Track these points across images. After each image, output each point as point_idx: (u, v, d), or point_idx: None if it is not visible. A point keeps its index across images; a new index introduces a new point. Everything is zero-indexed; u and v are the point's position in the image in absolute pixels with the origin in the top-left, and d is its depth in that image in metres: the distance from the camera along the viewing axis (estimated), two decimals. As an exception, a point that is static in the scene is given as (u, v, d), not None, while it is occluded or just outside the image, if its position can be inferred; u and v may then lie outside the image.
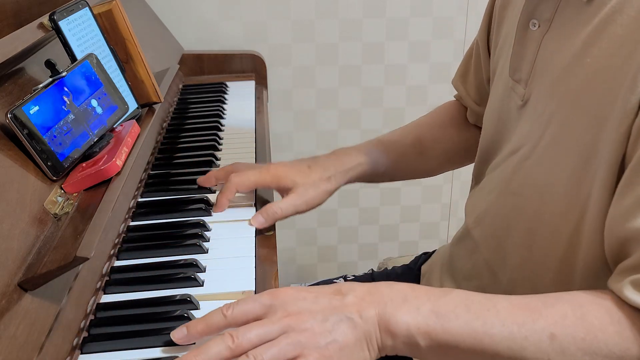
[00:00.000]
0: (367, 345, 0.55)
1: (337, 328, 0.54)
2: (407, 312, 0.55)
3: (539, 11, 0.66)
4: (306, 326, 0.54)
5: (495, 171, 0.75)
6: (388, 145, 0.92)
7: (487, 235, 0.75)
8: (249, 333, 0.54)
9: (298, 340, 0.53)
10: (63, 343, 0.56)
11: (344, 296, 0.57)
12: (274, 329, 0.54)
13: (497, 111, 0.77)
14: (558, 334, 0.53)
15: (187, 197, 0.86)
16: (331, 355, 0.53)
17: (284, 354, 0.53)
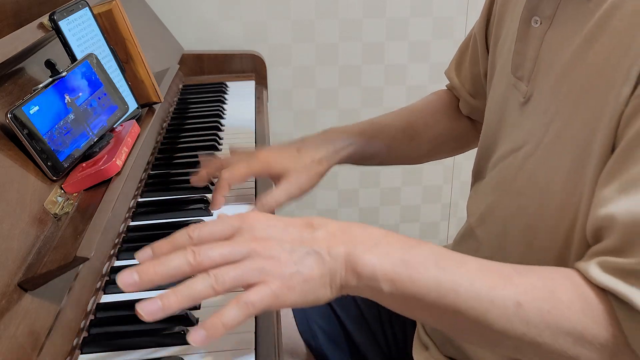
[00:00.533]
0: (330, 282, 0.54)
1: (303, 260, 0.53)
2: (376, 256, 0.54)
3: (541, 8, 0.66)
4: (272, 253, 0.53)
5: (496, 168, 0.75)
6: (379, 128, 0.92)
7: (490, 234, 0.75)
8: (212, 251, 0.52)
9: (262, 266, 0.52)
10: (63, 343, 0.56)
11: (314, 230, 0.56)
12: (239, 250, 0.53)
13: (498, 108, 0.77)
14: (525, 303, 0.52)
15: (187, 197, 0.86)
16: (294, 286, 0.52)
17: (246, 278, 0.52)
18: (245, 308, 0.51)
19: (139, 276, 0.51)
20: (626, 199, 0.52)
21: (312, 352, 0.92)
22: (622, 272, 0.52)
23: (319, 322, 0.92)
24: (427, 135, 0.94)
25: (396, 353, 0.92)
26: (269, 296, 0.52)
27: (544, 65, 0.66)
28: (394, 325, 0.93)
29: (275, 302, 0.52)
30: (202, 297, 0.51)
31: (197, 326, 0.51)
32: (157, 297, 0.50)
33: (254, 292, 0.51)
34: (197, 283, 0.51)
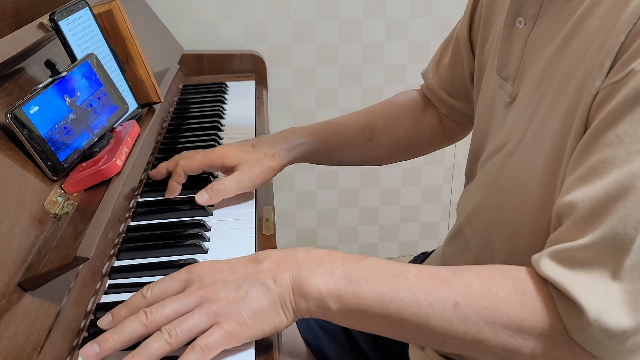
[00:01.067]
0: (283, 309, 0.56)
1: (250, 294, 0.55)
2: (320, 276, 0.56)
3: (525, 9, 0.67)
4: (220, 296, 0.55)
5: (483, 168, 0.76)
6: (337, 128, 0.93)
7: (477, 232, 0.75)
8: (164, 308, 0.55)
9: (212, 310, 0.54)
10: (63, 343, 0.56)
11: (259, 263, 0.58)
12: (188, 301, 0.55)
13: (486, 109, 0.77)
14: (462, 302, 0.54)
15: (187, 197, 0.86)
16: (246, 320, 0.54)
17: (197, 325, 0.54)
18: (201, 352, 0.53)
19: (99, 346, 0.54)
20: (585, 187, 0.53)
21: (312, 351, 0.92)
22: (568, 260, 0.53)
23: (318, 321, 0.93)
24: (386, 136, 0.95)
25: (395, 352, 0.92)
26: (222, 336, 0.54)
27: (528, 65, 0.67)
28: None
29: (231, 340, 0.54)
30: (159, 354, 0.53)
31: None
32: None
33: (207, 335, 0.53)
34: (152, 342, 0.53)
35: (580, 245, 0.52)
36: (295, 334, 0.92)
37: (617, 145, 0.52)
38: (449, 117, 0.94)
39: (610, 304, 0.51)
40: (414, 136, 0.96)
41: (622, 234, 0.50)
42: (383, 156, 0.98)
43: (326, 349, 0.91)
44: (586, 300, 0.51)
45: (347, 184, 1.71)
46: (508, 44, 0.70)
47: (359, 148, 0.94)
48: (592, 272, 0.51)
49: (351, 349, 0.92)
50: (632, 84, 0.51)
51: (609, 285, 0.51)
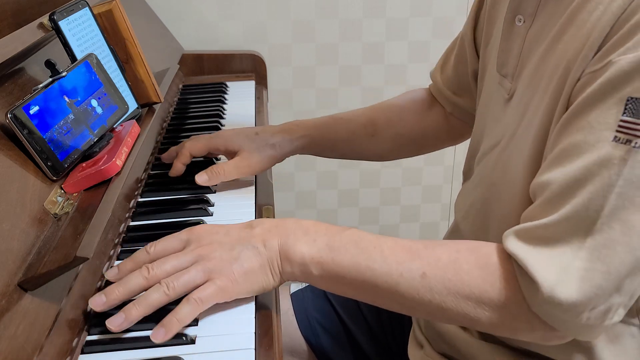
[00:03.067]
0: (270, 271, 0.62)
1: (242, 255, 0.62)
2: (305, 244, 0.62)
3: (524, 6, 0.69)
4: (215, 255, 0.61)
5: (479, 165, 0.77)
6: (340, 122, 0.95)
7: (474, 228, 0.76)
8: (164, 265, 0.61)
9: (207, 267, 0.60)
10: (63, 343, 0.56)
11: (252, 229, 0.64)
12: (186, 259, 0.61)
13: (486, 107, 0.78)
14: (429, 273, 0.59)
15: (187, 197, 0.86)
16: (236, 278, 0.61)
17: (193, 280, 0.60)
18: (195, 304, 0.59)
19: (106, 297, 0.60)
20: (556, 169, 0.56)
21: (313, 350, 0.92)
22: (532, 237, 0.56)
23: (319, 320, 0.93)
24: (389, 132, 0.96)
25: (395, 351, 0.92)
26: (215, 291, 0.60)
27: (526, 63, 0.69)
28: (392, 324, 0.93)
29: (222, 295, 0.60)
30: (158, 303, 0.59)
31: (157, 325, 0.58)
32: (121, 311, 0.59)
33: (201, 289, 0.60)
34: (152, 293, 0.59)
35: (544, 224, 0.55)
36: (296, 332, 0.92)
37: (587, 131, 0.54)
38: (453, 115, 0.95)
39: (565, 279, 0.54)
40: (417, 134, 0.97)
41: (584, 217, 0.54)
42: (385, 152, 0.99)
43: (326, 348, 0.92)
44: (542, 275, 0.54)
45: (347, 184, 1.71)
46: (507, 42, 0.71)
47: (361, 143, 0.96)
48: (553, 249, 0.55)
49: (351, 348, 0.92)
50: (607, 74, 0.53)
51: (568, 263, 0.54)
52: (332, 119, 0.95)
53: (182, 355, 0.57)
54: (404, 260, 0.60)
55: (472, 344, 0.74)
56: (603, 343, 0.65)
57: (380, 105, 1.00)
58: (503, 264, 0.58)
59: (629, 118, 0.52)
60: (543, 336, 0.59)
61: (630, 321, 0.65)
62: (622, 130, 0.52)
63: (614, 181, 0.52)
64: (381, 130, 0.95)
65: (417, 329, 0.84)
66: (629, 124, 0.52)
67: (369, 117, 0.96)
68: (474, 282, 0.58)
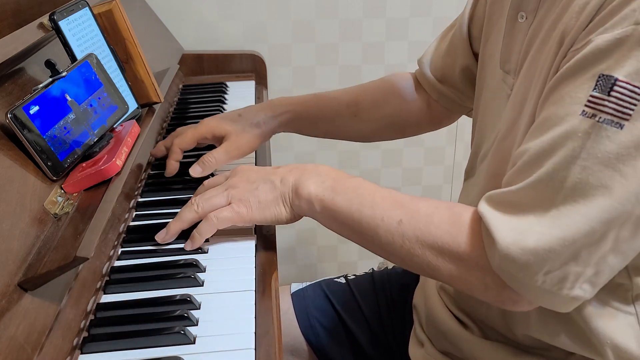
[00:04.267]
0: (283, 203, 0.72)
1: (260, 187, 0.72)
2: (313, 183, 0.71)
3: (526, 3, 0.69)
4: (239, 185, 0.73)
5: (485, 161, 0.77)
6: (323, 100, 0.98)
7: None
8: (208, 202, 0.73)
9: (230, 194, 0.72)
10: (63, 343, 0.56)
11: (277, 168, 0.75)
12: (223, 192, 0.73)
13: (489, 105, 0.78)
14: (405, 221, 0.65)
15: (187, 197, 0.86)
16: (252, 205, 0.72)
17: (218, 202, 0.72)
18: (212, 221, 0.71)
19: (167, 231, 0.73)
20: (530, 140, 0.59)
21: (313, 350, 0.92)
22: (498, 202, 0.60)
23: (320, 319, 0.93)
24: (372, 113, 0.98)
25: (396, 350, 0.92)
26: (231, 213, 0.71)
27: (526, 58, 0.68)
28: (393, 323, 0.93)
29: (237, 218, 0.72)
30: (190, 220, 0.73)
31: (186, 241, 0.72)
32: (164, 229, 0.73)
33: (220, 210, 0.72)
34: (185, 212, 0.73)
35: (512, 191, 0.59)
36: (297, 332, 0.92)
37: (559, 105, 0.57)
38: (439, 102, 0.96)
39: (521, 239, 0.56)
40: (399, 117, 0.99)
41: (548, 186, 0.56)
42: (367, 133, 1.01)
43: (327, 347, 0.92)
44: (502, 234, 0.57)
45: (347, 183, 1.71)
46: (510, 38, 0.72)
47: (343, 122, 0.98)
48: (518, 215, 0.58)
49: (351, 347, 0.92)
50: (584, 52, 0.55)
51: (529, 227, 0.57)
52: (315, 97, 0.98)
53: (182, 355, 0.57)
54: (389, 208, 0.67)
55: (473, 342, 0.74)
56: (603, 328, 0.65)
57: (365, 86, 1.01)
58: (471, 223, 0.62)
59: (597, 94, 0.54)
60: (497, 297, 0.62)
61: (627, 310, 0.65)
62: (590, 105, 0.54)
63: (577, 153, 0.54)
64: (364, 111, 0.97)
65: (418, 327, 0.84)
66: (597, 99, 0.54)
67: (352, 97, 0.98)
68: (439, 234, 0.63)
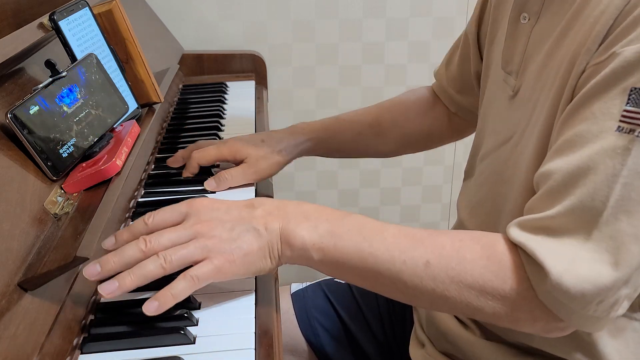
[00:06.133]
0: (269, 254, 0.62)
1: (242, 236, 0.61)
2: (306, 229, 0.61)
3: (529, 4, 0.69)
4: (214, 233, 0.60)
5: (484, 162, 0.77)
6: (345, 124, 0.97)
7: (483, 225, 0.76)
8: (162, 237, 0.60)
9: (205, 245, 0.59)
10: (63, 343, 0.56)
11: (254, 209, 0.63)
12: (185, 234, 0.60)
13: (490, 105, 0.78)
14: (433, 262, 0.58)
15: (187, 197, 0.86)
16: (235, 259, 0.60)
17: (191, 256, 0.59)
18: (191, 281, 0.58)
19: (100, 267, 0.59)
20: (559, 159, 0.56)
21: (313, 350, 0.92)
22: (536, 227, 0.56)
23: (319, 319, 0.93)
24: (394, 133, 0.97)
25: (396, 351, 0.92)
26: (211, 270, 0.59)
27: (530, 59, 0.69)
28: (393, 323, 0.93)
29: (219, 275, 0.59)
30: (153, 275, 0.58)
31: (150, 298, 0.57)
32: (114, 278, 0.58)
33: (198, 267, 0.59)
34: (149, 264, 0.58)
35: (549, 216, 0.55)
36: (296, 332, 0.92)
37: (591, 122, 0.55)
38: (457, 114, 0.96)
39: (573, 268, 0.53)
40: (421, 133, 0.99)
41: (590, 207, 0.53)
42: (390, 151, 1.01)
43: (327, 348, 0.92)
44: (551, 262, 0.54)
45: (347, 184, 1.71)
46: (512, 39, 0.72)
47: (367, 143, 0.97)
48: (559, 240, 0.55)
49: (351, 348, 0.92)
50: (611, 66, 0.54)
51: (575, 253, 0.54)
52: (337, 121, 0.97)
53: (182, 355, 0.57)
54: (407, 248, 0.60)
55: (474, 343, 0.74)
56: (606, 338, 0.65)
57: (384, 105, 1.00)
58: (507, 253, 0.58)
59: (632, 108, 0.52)
60: (544, 327, 0.58)
61: (632, 315, 0.65)
62: (625, 120, 0.53)
63: (618, 171, 0.53)
64: (386, 130, 0.97)
65: (419, 328, 0.84)
66: (632, 113, 0.52)
67: (374, 117, 0.97)
68: (478, 271, 0.57)
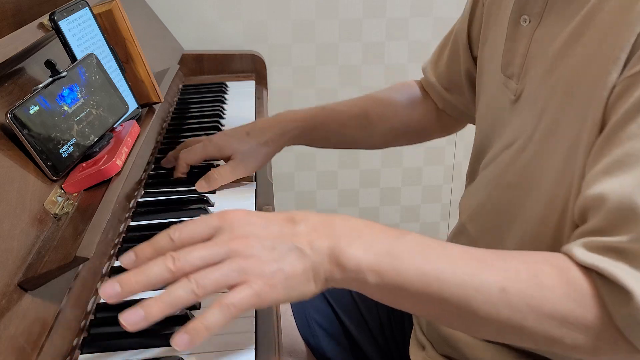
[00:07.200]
0: (314, 277, 0.54)
1: (284, 257, 0.53)
2: (360, 248, 0.54)
3: (530, 6, 0.68)
4: (252, 252, 0.52)
5: (489, 167, 0.76)
6: (331, 114, 0.95)
7: (484, 229, 0.75)
8: (192, 255, 0.52)
9: (242, 267, 0.51)
10: (63, 343, 0.56)
11: (295, 225, 0.55)
12: (218, 251, 0.52)
13: (489, 108, 0.77)
14: (509, 288, 0.53)
15: (187, 197, 0.86)
16: (276, 284, 0.52)
17: (226, 279, 0.51)
18: (227, 310, 0.50)
19: (120, 287, 0.51)
20: (612, 180, 0.53)
21: (312, 351, 0.92)
22: (607, 250, 0.52)
23: (318, 320, 0.93)
24: (381, 125, 0.96)
25: (395, 353, 0.92)
26: (250, 296, 0.51)
27: (533, 63, 0.68)
28: (392, 325, 0.93)
29: (258, 302, 0.52)
30: (184, 303, 0.50)
31: (180, 330, 0.50)
32: (139, 306, 0.50)
33: (235, 293, 0.51)
34: (178, 289, 0.50)
35: (623, 241, 0.51)
36: (295, 333, 0.92)
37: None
38: (445, 111, 0.95)
39: None
40: (409, 126, 0.98)
41: None
42: (378, 143, 1.00)
43: (326, 349, 0.91)
44: (634, 284, 0.50)
45: (347, 184, 1.71)
46: (513, 42, 0.70)
47: (353, 134, 0.96)
48: (633, 263, 0.51)
49: (351, 349, 0.92)
50: None
51: None
52: (323, 110, 0.95)
53: (182, 355, 0.57)
54: (479, 272, 0.53)
55: (475, 345, 0.74)
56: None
57: (372, 97, 0.99)
58: (583, 278, 0.53)
59: None
60: (627, 353, 0.54)
61: None
62: None
63: None
64: (374, 123, 0.96)
65: (419, 330, 0.84)
66: None
67: (361, 109, 0.96)
68: (559, 300, 0.52)
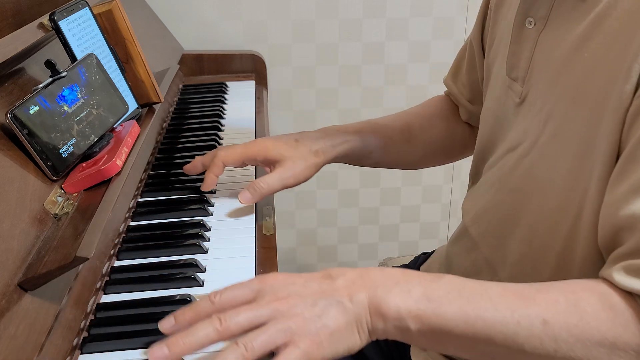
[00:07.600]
0: (358, 329, 0.55)
1: (327, 312, 0.54)
2: (398, 295, 0.54)
3: (535, 9, 0.67)
4: (296, 311, 0.53)
5: (492, 169, 0.76)
6: (377, 127, 0.92)
7: (486, 232, 0.75)
8: (237, 316, 0.53)
9: (288, 326, 0.52)
10: (63, 343, 0.56)
11: (333, 280, 0.56)
12: (262, 312, 0.53)
13: (493, 110, 0.77)
14: (550, 319, 0.52)
15: (187, 197, 0.86)
16: (322, 340, 0.53)
17: (273, 341, 0.52)
18: None
19: (168, 349, 0.52)
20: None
21: None
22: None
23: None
24: (422, 138, 0.95)
25: (396, 353, 0.92)
26: (300, 357, 0.52)
27: (538, 66, 0.67)
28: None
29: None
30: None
31: None
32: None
33: (284, 356, 0.51)
34: (228, 354, 0.51)
35: None
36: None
37: None
38: (469, 122, 0.94)
39: None
40: (447, 139, 0.96)
41: None
42: (416, 159, 0.97)
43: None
44: None
45: (347, 184, 1.71)
46: (518, 45, 0.70)
47: (397, 149, 0.93)
48: None
49: (351, 350, 0.92)
50: None
51: None
52: (369, 124, 0.92)
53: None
54: (519, 307, 0.53)
55: None
56: None
57: (411, 111, 0.98)
58: (626, 302, 0.52)
59: None
60: None
61: None
62: None
63: None
64: (415, 135, 0.93)
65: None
66: None
67: (404, 122, 0.94)
68: (604, 327, 0.52)
